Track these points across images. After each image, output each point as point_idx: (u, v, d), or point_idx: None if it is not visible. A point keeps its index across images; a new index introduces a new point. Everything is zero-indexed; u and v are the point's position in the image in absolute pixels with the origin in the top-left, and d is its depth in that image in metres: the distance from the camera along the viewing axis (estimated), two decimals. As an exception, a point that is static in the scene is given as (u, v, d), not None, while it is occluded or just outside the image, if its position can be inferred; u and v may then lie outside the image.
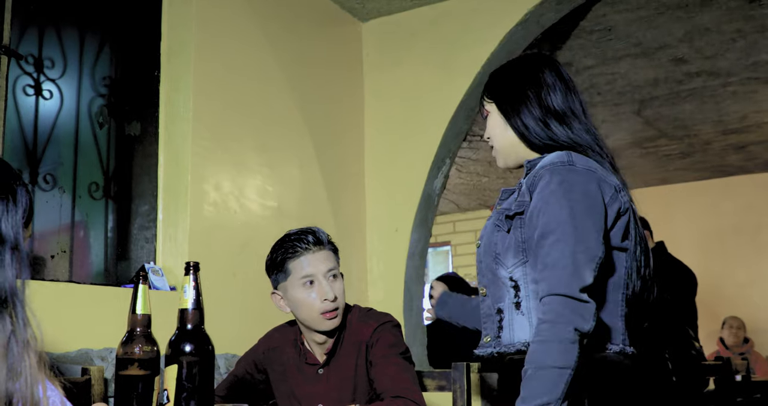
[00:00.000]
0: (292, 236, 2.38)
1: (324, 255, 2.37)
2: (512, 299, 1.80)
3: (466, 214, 10.06)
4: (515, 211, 1.82)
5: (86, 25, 3.26)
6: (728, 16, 4.57)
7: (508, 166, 2.02)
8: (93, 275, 3.16)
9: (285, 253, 2.35)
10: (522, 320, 1.79)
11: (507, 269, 1.82)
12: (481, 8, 4.13)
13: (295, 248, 2.34)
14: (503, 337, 1.82)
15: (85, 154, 3.17)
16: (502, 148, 1.99)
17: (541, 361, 1.64)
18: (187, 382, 1.75)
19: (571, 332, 1.63)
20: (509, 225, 1.82)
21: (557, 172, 1.78)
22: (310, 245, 2.35)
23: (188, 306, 1.81)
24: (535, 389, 1.63)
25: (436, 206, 4.40)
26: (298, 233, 2.38)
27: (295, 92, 3.88)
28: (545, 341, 1.65)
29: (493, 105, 1.99)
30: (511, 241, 1.82)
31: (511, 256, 1.81)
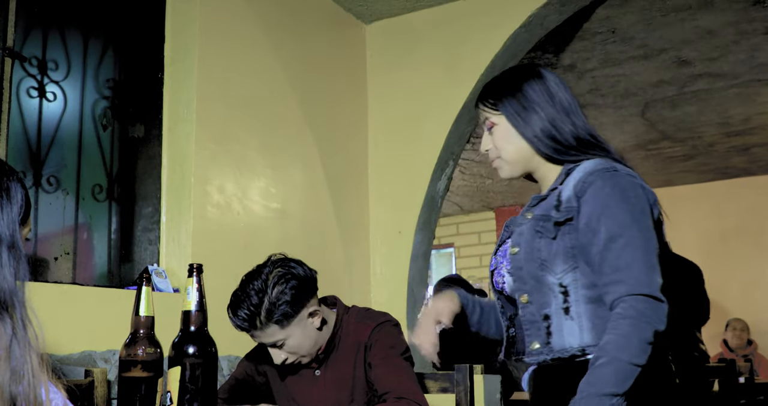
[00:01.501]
0: (229, 309, 2.25)
1: (256, 336, 2.27)
2: (561, 304, 1.80)
3: (470, 216, 10.06)
4: (565, 217, 1.82)
5: (90, 27, 3.26)
6: (732, 18, 4.57)
7: (514, 176, 2.02)
8: (96, 276, 3.16)
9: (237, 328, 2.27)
10: (572, 325, 1.80)
11: (556, 276, 1.81)
12: (484, 11, 4.13)
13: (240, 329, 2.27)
14: (554, 343, 1.81)
15: (88, 157, 3.18)
16: (513, 159, 1.98)
17: (617, 353, 1.66)
18: (190, 384, 1.76)
19: (651, 332, 1.68)
20: (556, 232, 1.82)
21: (608, 178, 1.81)
22: (240, 330, 2.26)
23: (191, 308, 1.81)
24: (606, 377, 1.65)
25: (440, 208, 4.40)
26: (230, 310, 2.24)
27: (299, 94, 3.89)
28: (625, 336, 1.67)
29: (501, 117, 1.96)
30: (559, 247, 1.82)
31: (560, 262, 1.81)
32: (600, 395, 1.64)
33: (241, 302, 2.22)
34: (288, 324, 2.22)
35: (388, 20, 4.44)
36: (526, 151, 1.96)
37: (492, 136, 1.98)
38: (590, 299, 1.78)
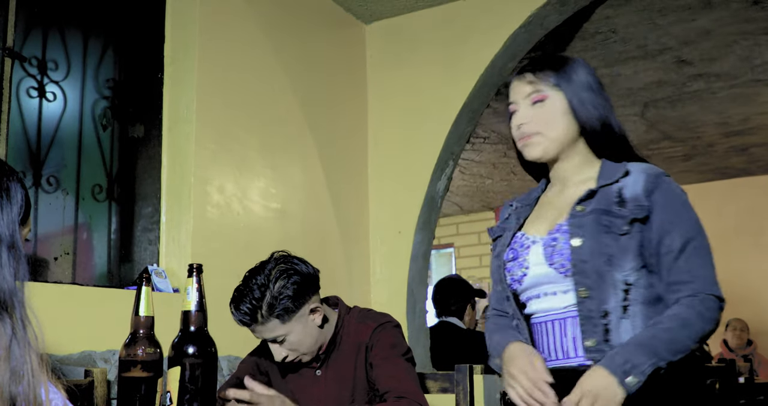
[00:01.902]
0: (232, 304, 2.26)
1: (256, 331, 2.28)
2: (620, 302, 1.79)
3: (470, 216, 10.06)
4: (639, 216, 1.81)
5: (90, 27, 3.26)
6: (731, 19, 4.57)
7: (546, 156, 1.95)
8: (96, 277, 3.16)
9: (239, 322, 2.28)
10: (627, 324, 1.79)
11: (623, 273, 1.80)
12: (484, 10, 4.13)
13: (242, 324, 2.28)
14: (612, 340, 1.79)
15: (88, 157, 3.18)
16: (557, 138, 1.92)
17: (681, 330, 1.74)
18: (189, 384, 1.76)
19: (708, 329, 1.77)
20: (628, 229, 1.81)
21: (670, 183, 1.88)
22: (241, 324, 2.27)
23: (191, 308, 1.81)
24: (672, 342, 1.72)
25: (440, 208, 4.40)
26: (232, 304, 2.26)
27: (299, 94, 3.89)
28: (691, 321, 1.75)
29: (559, 93, 1.92)
30: (630, 245, 1.81)
31: (629, 259, 1.80)
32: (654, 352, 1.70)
33: (243, 297, 2.23)
34: (289, 319, 2.23)
35: (388, 20, 4.44)
36: (574, 133, 1.93)
37: (536, 110, 1.93)
38: (646, 300, 1.81)
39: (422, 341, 4.20)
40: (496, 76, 4.22)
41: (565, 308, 1.85)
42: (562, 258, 1.84)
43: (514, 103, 1.96)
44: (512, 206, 2.11)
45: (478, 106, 4.29)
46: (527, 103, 1.94)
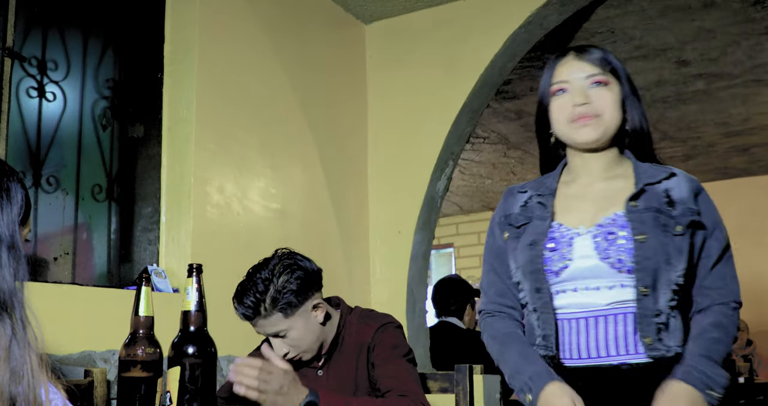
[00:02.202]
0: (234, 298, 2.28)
1: (259, 325, 2.28)
2: (668, 302, 1.79)
3: (469, 216, 10.06)
4: (692, 220, 1.83)
5: (90, 27, 3.26)
6: (731, 19, 4.57)
7: (598, 142, 1.89)
8: (96, 277, 3.16)
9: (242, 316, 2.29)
10: (674, 324, 1.80)
11: (675, 273, 1.80)
12: (484, 10, 4.13)
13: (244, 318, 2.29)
14: (664, 339, 1.78)
15: (88, 157, 3.18)
16: (612, 126, 1.89)
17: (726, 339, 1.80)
18: (189, 384, 1.76)
19: (735, 337, 1.85)
20: (683, 230, 1.82)
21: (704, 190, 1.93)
22: (244, 318, 2.28)
23: (191, 308, 1.81)
24: (724, 352, 1.79)
25: (439, 208, 4.40)
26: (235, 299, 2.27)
27: (298, 94, 3.89)
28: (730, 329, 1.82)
29: (616, 83, 1.92)
30: (683, 246, 1.81)
31: (682, 261, 1.81)
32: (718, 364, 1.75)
33: (246, 291, 2.24)
34: (292, 314, 2.24)
35: (388, 20, 4.44)
36: (617, 126, 1.91)
37: (597, 92, 1.89)
38: (684, 301, 1.84)
39: (422, 341, 4.20)
40: (495, 76, 4.22)
41: (609, 305, 1.81)
42: (621, 253, 1.80)
43: (566, 82, 1.90)
44: (526, 193, 2.00)
45: (478, 106, 4.29)
46: (585, 84, 1.90)
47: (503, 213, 2.01)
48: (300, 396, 2.07)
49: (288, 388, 2.05)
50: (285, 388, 2.04)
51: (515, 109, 6.20)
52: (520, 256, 1.90)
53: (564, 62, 1.94)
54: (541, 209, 1.93)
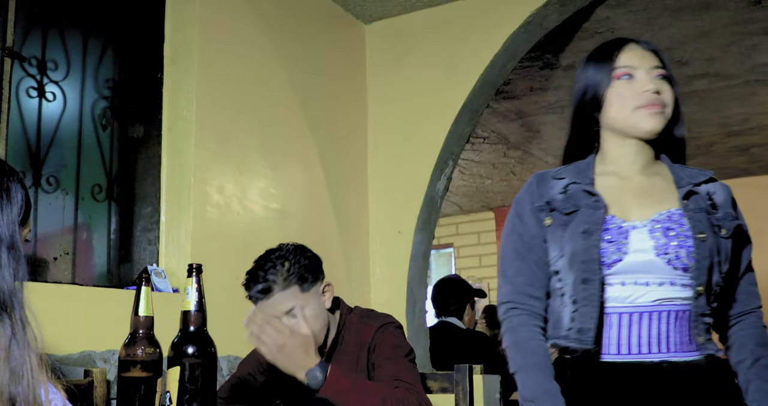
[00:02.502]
0: (245, 278, 2.30)
1: (276, 299, 2.27)
2: (712, 303, 1.81)
3: (469, 216, 10.06)
4: (738, 224, 1.89)
5: (89, 27, 3.26)
6: (731, 19, 4.57)
7: (657, 135, 1.87)
8: (96, 277, 3.16)
9: (256, 297, 2.29)
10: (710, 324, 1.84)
11: (720, 275, 1.81)
12: (484, 11, 4.13)
13: (249, 296, 2.29)
14: (711, 339, 1.80)
15: (88, 157, 3.18)
16: (667, 121, 1.88)
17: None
18: (189, 384, 1.76)
19: None
20: (728, 234, 1.84)
21: None
22: (258, 294, 2.27)
23: (191, 308, 1.81)
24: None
25: (439, 208, 4.40)
26: (249, 275, 2.30)
27: (298, 94, 3.89)
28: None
29: (670, 80, 1.91)
30: (728, 250, 1.83)
31: (726, 264, 1.83)
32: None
33: (261, 268, 2.27)
34: (308, 290, 2.27)
35: (388, 20, 4.44)
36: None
37: (661, 84, 1.87)
38: (719, 304, 1.87)
39: (422, 341, 4.20)
40: (495, 76, 4.22)
41: (656, 302, 1.78)
42: (680, 250, 1.78)
43: (632, 68, 1.87)
44: (563, 180, 1.92)
45: (478, 106, 4.29)
46: (651, 74, 1.87)
47: (540, 199, 1.91)
48: (306, 363, 2.10)
49: (292, 349, 2.09)
50: (288, 348, 2.08)
51: (515, 109, 6.20)
52: (569, 244, 1.83)
53: (629, 49, 1.90)
54: (588, 198, 1.85)
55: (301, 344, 2.12)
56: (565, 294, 1.83)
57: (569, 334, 1.80)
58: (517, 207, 1.96)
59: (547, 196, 1.90)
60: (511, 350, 1.87)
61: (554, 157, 7.58)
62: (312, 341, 2.15)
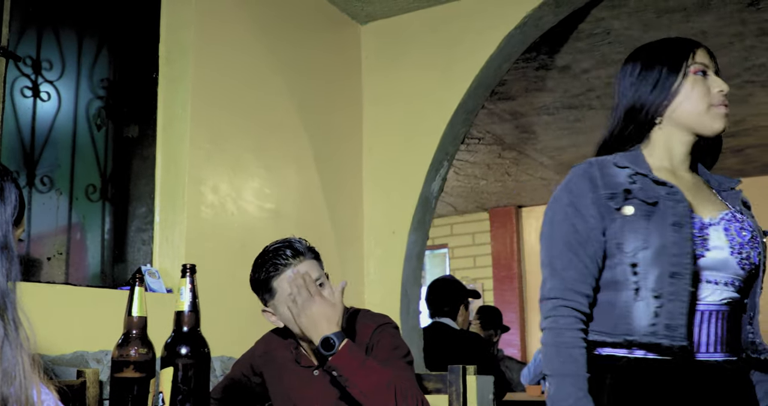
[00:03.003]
0: (270, 252, 2.35)
1: (306, 266, 2.32)
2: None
3: (464, 216, 10.06)
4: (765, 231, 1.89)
5: (84, 27, 3.26)
6: (726, 20, 4.58)
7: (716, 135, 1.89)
8: (89, 277, 3.15)
9: (267, 272, 2.32)
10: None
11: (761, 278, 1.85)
12: (479, 11, 4.13)
13: (275, 265, 2.31)
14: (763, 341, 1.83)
15: (82, 157, 3.17)
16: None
17: None
18: (182, 384, 1.75)
19: None
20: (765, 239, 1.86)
21: None
22: (290, 259, 2.31)
23: (184, 309, 1.81)
24: None
25: (434, 209, 4.40)
26: (276, 248, 2.35)
27: (294, 94, 3.88)
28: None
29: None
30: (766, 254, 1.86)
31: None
32: None
33: (285, 241, 2.37)
34: (322, 268, 2.38)
35: (383, 21, 4.44)
36: None
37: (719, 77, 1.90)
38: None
39: (415, 341, 4.20)
40: (491, 77, 4.23)
41: (722, 301, 1.78)
42: (752, 250, 1.78)
43: (707, 67, 1.87)
44: (627, 169, 1.84)
45: (473, 107, 4.29)
46: (721, 77, 1.89)
47: (607, 187, 1.81)
48: (326, 329, 2.17)
49: (312, 310, 2.18)
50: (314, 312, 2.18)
51: (510, 110, 6.21)
52: (656, 236, 1.75)
53: (701, 49, 1.90)
54: (664, 189, 1.79)
55: (328, 311, 2.19)
56: (642, 288, 1.74)
57: (656, 330, 1.71)
58: (571, 195, 1.84)
59: (616, 185, 1.81)
60: (551, 351, 1.78)
61: (549, 157, 7.59)
62: (339, 311, 2.23)
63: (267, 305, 2.37)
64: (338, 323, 2.20)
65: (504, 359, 6.50)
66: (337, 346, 2.13)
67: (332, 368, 2.14)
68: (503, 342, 7.45)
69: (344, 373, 2.12)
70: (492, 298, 9.55)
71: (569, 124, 6.59)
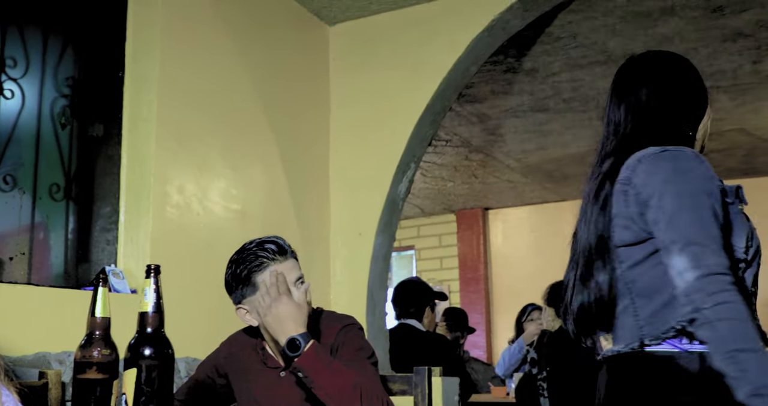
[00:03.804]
0: (254, 248, 2.34)
1: (290, 264, 2.33)
2: None
3: (431, 218, 10.08)
4: None
5: (50, 24, 3.22)
6: (690, 26, 4.63)
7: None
8: (52, 277, 3.12)
9: (250, 266, 2.30)
10: None
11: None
12: (447, 14, 4.14)
13: (260, 259, 2.30)
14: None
15: (46, 155, 3.14)
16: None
17: None
18: (146, 386, 1.74)
19: None
20: None
21: None
22: (276, 255, 2.31)
23: (148, 309, 1.80)
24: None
25: (401, 211, 4.41)
26: (260, 243, 2.34)
27: (261, 95, 3.87)
28: None
29: None
30: None
31: None
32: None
33: (268, 239, 2.36)
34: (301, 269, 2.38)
35: (352, 22, 4.44)
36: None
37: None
38: None
39: (381, 343, 4.20)
40: (458, 79, 4.24)
41: None
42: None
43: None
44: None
45: (441, 109, 4.30)
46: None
47: (718, 180, 1.93)
48: (290, 328, 2.17)
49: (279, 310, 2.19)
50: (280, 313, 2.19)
51: (477, 112, 6.23)
52: (755, 239, 1.84)
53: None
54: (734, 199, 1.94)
55: (294, 311, 2.19)
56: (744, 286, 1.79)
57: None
58: (708, 171, 1.94)
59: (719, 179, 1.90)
60: (740, 325, 1.65)
61: (516, 160, 7.63)
62: (305, 312, 2.23)
63: (243, 302, 2.35)
64: (304, 324, 2.19)
65: (470, 360, 6.53)
66: (303, 347, 2.13)
67: (298, 369, 2.14)
68: (469, 344, 7.48)
69: (310, 374, 2.12)
70: (458, 300, 9.57)
71: (536, 127, 6.63)
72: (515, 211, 9.62)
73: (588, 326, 1.98)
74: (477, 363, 6.66)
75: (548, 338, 4.56)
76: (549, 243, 9.06)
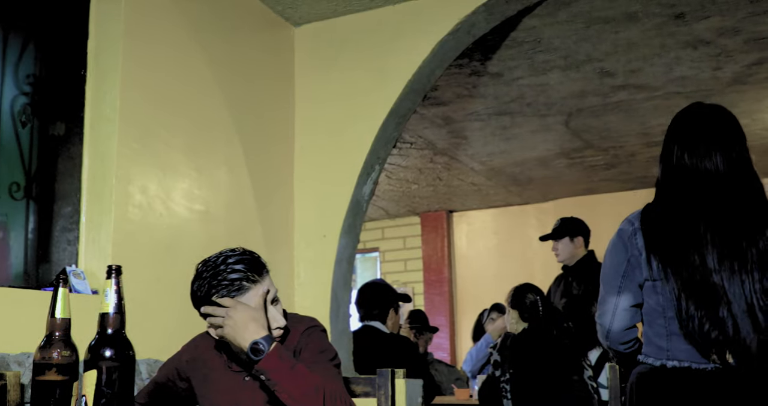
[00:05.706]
0: (228, 270, 2.26)
1: (267, 282, 2.30)
2: None
3: (395, 220, 10.10)
4: None
5: (10, 21, 3.19)
6: (653, 32, 4.68)
7: None
8: (12, 277, 3.08)
9: (229, 289, 2.24)
10: None
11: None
12: (413, 17, 4.15)
13: (240, 284, 2.25)
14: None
15: (6, 154, 3.10)
16: None
17: None
18: (106, 388, 1.73)
19: None
20: None
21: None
22: (256, 277, 2.27)
23: (109, 310, 1.79)
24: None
25: (365, 212, 4.41)
26: (235, 263, 2.27)
27: (225, 95, 3.85)
28: None
29: None
30: None
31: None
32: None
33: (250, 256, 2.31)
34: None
35: (317, 24, 4.44)
36: None
37: None
38: None
39: (345, 344, 4.20)
40: (423, 81, 4.25)
41: None
42: None
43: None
44: None
45: (406, 111, 4.31)
46: None
47: None
48: (252, 331, 2.13)
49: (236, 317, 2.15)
50: (231, 319, 2.15)
51: (442, 115, 6.25)
52: None
53: None
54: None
55: (253, 314, 2.16)
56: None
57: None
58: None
59: None
60: None
61: (480, 163, 7.67)
62: (261, 315, 2.20)
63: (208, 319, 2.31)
64: (264, 326, 2.18)
65: (433, 362, 6.54)
66: (267, 350, 2.11)
67: (261, 372, 2.12)
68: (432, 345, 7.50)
69: (273, 377, 2.11)
70: (422, 302, 9.60)
71: (500, 130, 6.67)
72: (479, 213, 9.66)
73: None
74: (440, 365, 6.67)
75: (511, 340, 4.58)
76: (512, 246, 9.11)
